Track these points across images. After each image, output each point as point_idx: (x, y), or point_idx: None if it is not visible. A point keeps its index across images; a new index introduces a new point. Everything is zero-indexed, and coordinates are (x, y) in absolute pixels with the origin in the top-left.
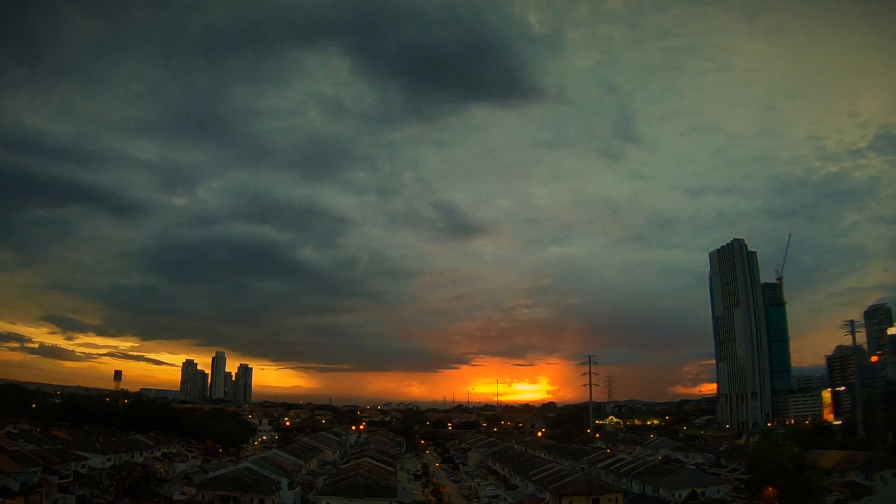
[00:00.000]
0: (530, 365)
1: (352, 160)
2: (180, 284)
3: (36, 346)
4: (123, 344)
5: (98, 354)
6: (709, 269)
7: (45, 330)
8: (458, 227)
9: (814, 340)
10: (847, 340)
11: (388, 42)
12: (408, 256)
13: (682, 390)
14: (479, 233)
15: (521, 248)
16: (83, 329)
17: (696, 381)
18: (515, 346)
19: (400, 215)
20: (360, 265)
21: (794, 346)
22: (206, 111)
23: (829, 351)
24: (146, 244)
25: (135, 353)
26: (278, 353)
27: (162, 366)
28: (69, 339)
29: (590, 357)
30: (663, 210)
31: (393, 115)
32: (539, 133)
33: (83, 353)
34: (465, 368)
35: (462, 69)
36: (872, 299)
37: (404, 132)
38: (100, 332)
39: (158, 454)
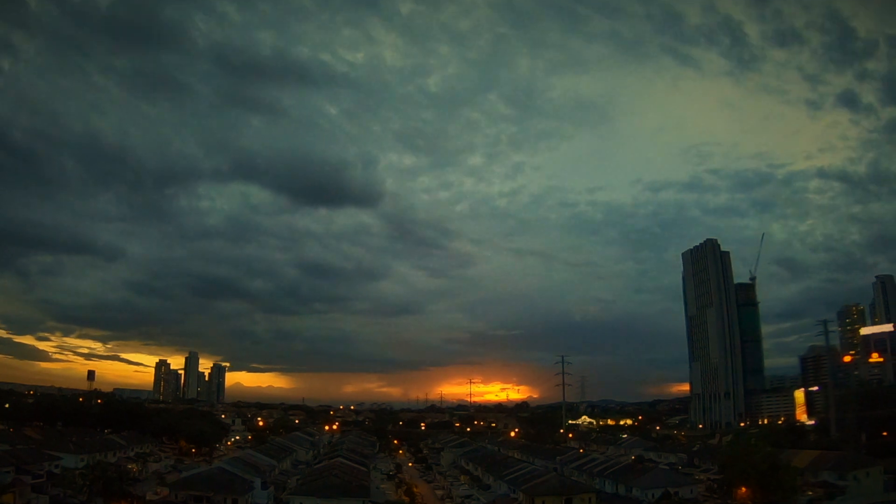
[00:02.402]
0: (502, 365)
1: (262, 232)
2: (153, 300)
3: (11, 347)
4: (97, 345)
5: (73, 354)
6: (681, 268)
7: (16, 331)
8: (368, 272)
9: (787, 340)
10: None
11: (286, 178)
12: (338, 285)
13: (655, 390)
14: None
15: (474, 256)
16: (54, 331)
17: (669, 381)
18: (488, 348)
19: (312, 261)
20: (303, 290)
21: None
22: (161, 212)
23: (802, 350)
24: (122, 274)
25: (108, 354)
26: (251, 356)
27: (135, 366)
28: (42, 339)
29: (563, 357)
30: (623, 207)
31: (287, 210)
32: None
33: (59, 356)
34: (438, 370)
35: (330, 189)
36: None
37: (295, 218)
38: (73, 335)
39: (132, 454)
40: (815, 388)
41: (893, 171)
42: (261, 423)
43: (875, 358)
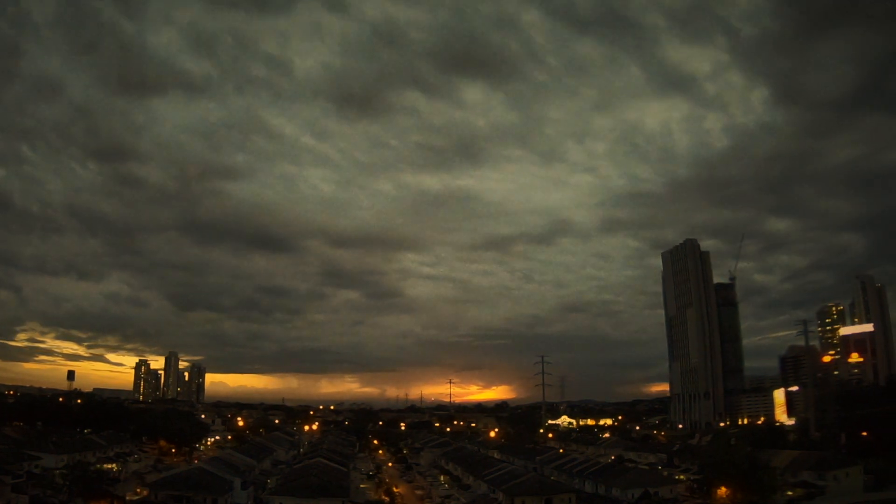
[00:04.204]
0: (482, 366)
1: (220, 266)
2: (132, 308)
3: None
4: (79, 347)
5: (55, 356)
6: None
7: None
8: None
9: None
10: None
11: (234, 233)
12: (293, 301)
13: (635, 390)
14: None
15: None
16: (38, 333)
17: (649, 381)
18: (466, 348)
19: (265, 286)
20: (262, 305)
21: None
22: (137, 251)
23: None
24: (104, 290)
25: (89, 355)
26: (230, 358)
27: (116, 366)
28: (25, 341)
29: (542, 357)
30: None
31: (238, 253)
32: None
33: (44, 358)
34: (418, 371)
35: (271, 240)
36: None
37: (246, 258)
38: (56, 337)
39: (112, 454)
40: (795, 388)
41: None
42: (241, 423)
43: (855, 358)
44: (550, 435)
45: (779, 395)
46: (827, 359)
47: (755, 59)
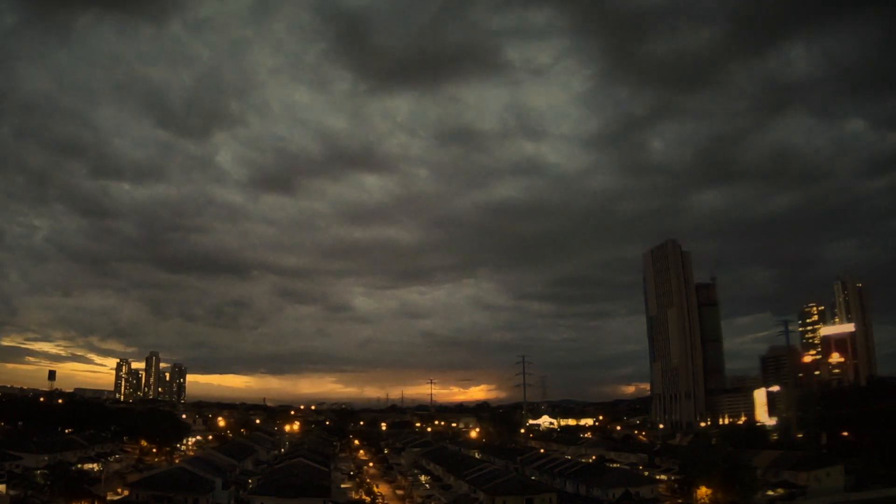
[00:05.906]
0: (463, 366)
1: (188, 285)
2: (113, 314)
3: None
4: (59, 348)
5: (36, 357)
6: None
7: None
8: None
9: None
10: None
11: (201, 266)
12: (259, 311)
13: (616, 390)
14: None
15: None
16: (20, 333)
17: (630, 381)
18: (432, 352)
19: (230, 298)
20: (227, 312)
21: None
22: (118, 273)
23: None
24: (83, 302)
25: (69, 355)
26: (211, 359)
27: (97, 366)
28: (7, 342)
29: (524, 357)
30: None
31: (204, 278)
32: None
33: (30, 358)
34: (396, 371)
35: (230, 268)
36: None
37: (213, 280)
38: (38, 338)
39: (93, 453)
40: (776, 388)
41: None
42: (222, 423)
43: (836, 358)
44: (531, 435)
45: (760, 395)
46: (808, 359)
47: (593, 146)
